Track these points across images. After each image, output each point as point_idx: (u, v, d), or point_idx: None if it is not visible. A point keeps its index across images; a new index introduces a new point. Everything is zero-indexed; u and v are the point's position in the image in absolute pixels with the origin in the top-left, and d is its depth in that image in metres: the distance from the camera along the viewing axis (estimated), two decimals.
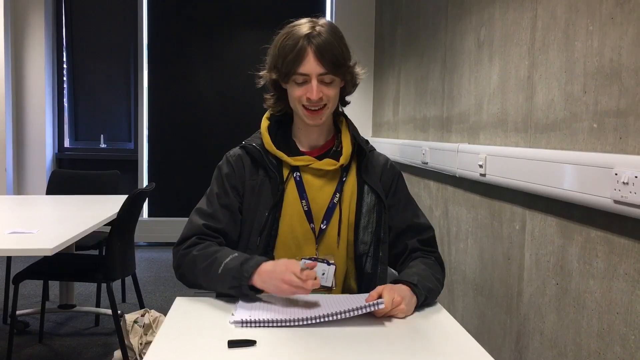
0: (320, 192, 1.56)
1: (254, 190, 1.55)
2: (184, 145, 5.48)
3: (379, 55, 4.96)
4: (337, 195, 1.56)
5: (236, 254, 1.44)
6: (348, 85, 1.59)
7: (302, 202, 1.55)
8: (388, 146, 4.14)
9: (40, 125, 5.24)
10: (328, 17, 5.42)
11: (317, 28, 1.46)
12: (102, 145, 5.56)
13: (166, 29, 5.43)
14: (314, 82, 1.46)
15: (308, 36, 1.45)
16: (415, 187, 3.48)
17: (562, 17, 1.78)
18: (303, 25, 1.48)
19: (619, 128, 1.49)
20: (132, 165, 5.45)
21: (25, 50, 5.18)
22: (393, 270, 1.69)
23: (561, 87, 1.78)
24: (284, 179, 1.55)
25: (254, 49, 5.46)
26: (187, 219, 1.60)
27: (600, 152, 1.56)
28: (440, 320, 1.38)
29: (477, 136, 2.48)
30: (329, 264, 1.46)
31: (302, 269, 1.34)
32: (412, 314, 1.39)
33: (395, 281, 1.46)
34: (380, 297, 1.35)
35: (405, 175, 3.74)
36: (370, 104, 5.28)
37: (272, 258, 1.50)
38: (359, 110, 5.28)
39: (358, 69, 1.58)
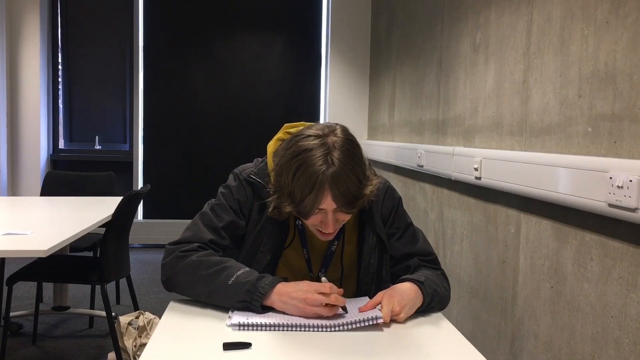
0: (320, 239, 1.51)
1: (256, 226, 1.51)
2: (180, 147, 5.47)
3: (375, 58, 4.97)
4: (336, 243, 1.54)
5: (247, 269, 1.40)
6: (367, 200, 1.47)
7: (303, 251, 1.54)
8: (383, 149, 4.15)
9: (34, 126, 5.23)
10: (325, 19, 5.43)
11: (334, 155, 1.32)
12: (97, 147, 5.54)
13: (162, 30, 5.43)
14: (330, 217, 1.37)
15: (325, 172, 1.31)
16: (411, 190, 3.49)
17: (558, 22, 1.79)
18: (317, 152, 1.32)
19: (613, 132, 1.49)
20: (127, 166, 5.43)
21: (20, 51, 5.16)
22: None
23: (556, 91, 1.78)
24: (291, 230, 1.53)
25: (250, 50, 5.48)
26: (182, 221, 1.58)
27: (594, 155, 1.57)
28: (435, 323, 1.38)
29: (472, 139, 2.49)
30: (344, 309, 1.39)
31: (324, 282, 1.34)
32: (413, 313, 1.39)
33: (401, 280, 1.45)
34: (379, 304, 1.34)
35: (400, 178, 3.76)
36: (366, 107, 5.28)
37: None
38: (354, 113, 5.29)
39: (373, 185, 1.43)
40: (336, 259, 1.55)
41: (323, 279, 1.36)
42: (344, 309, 1.34)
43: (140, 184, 5.46)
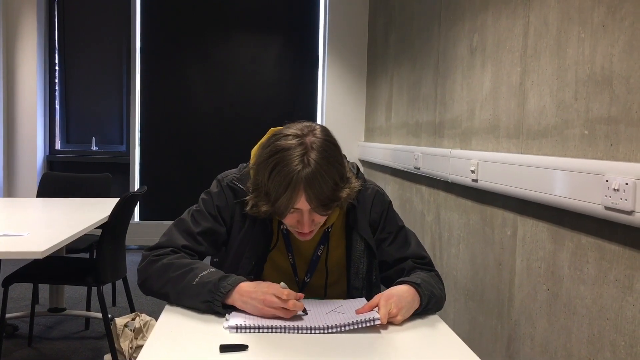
0: (305, 244, 1.52)
1: (240, 232, 1.51)
2: (176, 148, 5.47)
3: (372, 60, 4.98)
4: (321, 247, 1.54)
5: (213, 269, 1.41)
6: (344, 202, 1.46)
7: (288, 255, 1.54)
8: (380, 151, 4.15)
9: (31, 128, 5.22)
10: (322, 21, 5.43)
11: (310, 155, 1.31)
12: (94, 148, 5.54)
13: (159, 31, 5.42)
14: (306, 217, 1.37)
15: (300, 173, 1.30)
16: (408, 192, 3.49)
17: (554, 25, 1.79)
18: (293, 152, 1.32)
19: (610, 135, 1.50)
20: (124, 168, 5.42)
21: (17, 52, 5.15)
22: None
23: (553, 94, 1.79)
24: (275, 234, 1.52)
25: (247, 52, 5.48)
26: None
27: (591, 158, 1.57)
28: (431, 325, 1.38)
29: (469, 142, 2.49)
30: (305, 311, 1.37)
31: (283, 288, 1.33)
32: (411, 315, 1.39)
33: (397, 282, 1.45)
34: (376, 306, 1.34)
35: (397, 180, 3.76)
36: (363, 109, 5.29)
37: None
38: (351, 115, 5.29)
39: (351, 189, 1.42)
40: (322, 264, 1.55)
41: (282, 284, 1.35)
42: (304, 311, 1.34)
43: (136, 186, 5.45)
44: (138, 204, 4.95)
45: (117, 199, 2.76)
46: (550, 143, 1.80)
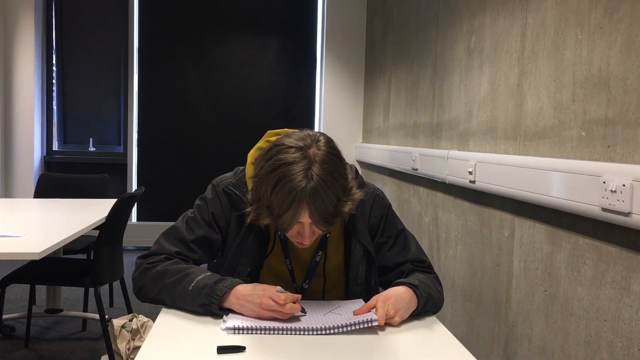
0: (303, 250, 1.51)
1: (236, 238, 1.51)
2: (174, 149, 5.46)
3: (370, 62, 4.98)
4: (320, 253, 1.53)
5: (209, 273, 1.41)
6: (346, 216, 1.45)
7: (286, 261, 1.53)
8: (378, 152, 4.15)
9: (28, 128, 5.21)
10: (320, 23, 5.43)
11: (313, 170, 1.29)
12: (91, 149, 5.53)
13: (157, 32, 5.42)
14: (307, 230, 1.36)
15: (304, 189, 1.28)
16: (405, 193, 3.49)
17: (552, 26, 1.80)
18: (296, 167, 1.29)
19: (607, 136, 1.50)
20: (122, 169, 5.42)
21: (14, 52, 5.14)
22: None
23: (550, 96, 1.79)
24: (271, 239, 1.51)
25: (245, 53, 5.47)
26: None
27: (588, 160, 1.57)
28: (429, 327, 1.38)
29: (466, 143, 2.49)
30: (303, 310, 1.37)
31: (279, 292, 1.33)
32: (408, 316, 1.38)
33: (395, 283, 1.45)
34: (374, 307, 1.34)
35: (395, 181, 3.76)
36: (361, 110, 5.29)
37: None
38: (349, 116, 5.29)
39: (353, 202, 1.39)
40: (320, 270, 1.54)
41: (278, 288, 1.34)
42: (303, 311, 1.34)
43: (134, 186, 5.44)
44: (135, 204, 4.95)
45: (114, 200, 2.76)
46: (548, 144, 1.80)
